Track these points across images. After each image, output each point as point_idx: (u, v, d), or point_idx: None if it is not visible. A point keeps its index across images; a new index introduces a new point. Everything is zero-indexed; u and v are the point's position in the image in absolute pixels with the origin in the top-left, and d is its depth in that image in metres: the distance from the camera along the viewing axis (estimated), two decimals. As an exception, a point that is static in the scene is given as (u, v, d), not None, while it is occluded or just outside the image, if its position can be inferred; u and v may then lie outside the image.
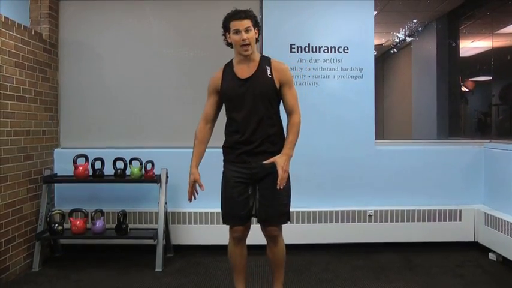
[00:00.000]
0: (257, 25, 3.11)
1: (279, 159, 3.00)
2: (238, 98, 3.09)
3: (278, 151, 3.07)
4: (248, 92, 3.07)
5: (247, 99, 3.07)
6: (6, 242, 3.96)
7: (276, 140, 3.13)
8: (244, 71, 3.11)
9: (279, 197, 3.11)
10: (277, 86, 3.10)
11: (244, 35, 3.00)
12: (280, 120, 3.20)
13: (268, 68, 3.11)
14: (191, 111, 4.88)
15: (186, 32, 4.95)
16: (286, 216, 3.19)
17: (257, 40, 3.14)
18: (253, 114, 3.07)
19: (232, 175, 3.15)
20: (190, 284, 3.91)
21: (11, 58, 4.04)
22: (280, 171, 2.96)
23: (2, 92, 3.90)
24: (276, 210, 3.12)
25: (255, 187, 3.15)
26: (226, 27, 3.09)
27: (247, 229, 3.21)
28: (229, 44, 3.13)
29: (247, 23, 3.01)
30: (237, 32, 3.01)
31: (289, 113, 3.16)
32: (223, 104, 3.23)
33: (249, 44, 3.03)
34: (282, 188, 2.99)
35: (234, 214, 3.15)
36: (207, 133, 3.26)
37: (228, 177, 3.18)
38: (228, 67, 3.18)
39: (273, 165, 3.02)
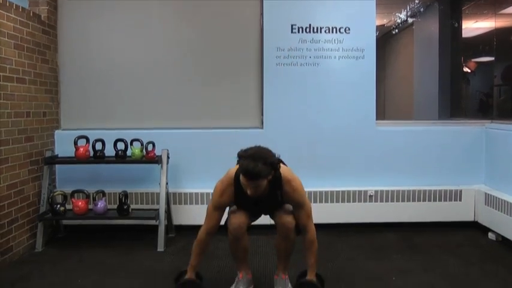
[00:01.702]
0: (269, 175, 2.90)
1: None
2: (249, 208, 3.17)
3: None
4: (260, 210, 3.23)
5: (258, 213, 3.26)
6: (9, 223, 3.99)
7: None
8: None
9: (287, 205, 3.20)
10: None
11: (253, 190, 2.90)
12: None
13: (279, 193, 3.07)
14: (192, 92, 4.90)
15: (187, 11, 4.92)
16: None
17: (270, 181, 2.96)
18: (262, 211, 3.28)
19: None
20: (191, 264, 3.93)
21: (10, 40, 4.02)
22: None
23: (1, 73, 3.89)
24: (286, 207, 3.18)
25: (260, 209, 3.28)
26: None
27: (246, 223, 3.19)
28: None
29: (258, 182, 2.86)
30: (246, 184, 2.90)
31: (302, 229, 3.15)
32: None
33: (256, 194, 2.94)
34: None
35: (240, 208, 3.19)
36: (208, 244, 3.23)
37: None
38: (240, 188, 3.01)
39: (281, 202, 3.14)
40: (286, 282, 3.29)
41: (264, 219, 3.31)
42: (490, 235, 4.53)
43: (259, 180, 2.84)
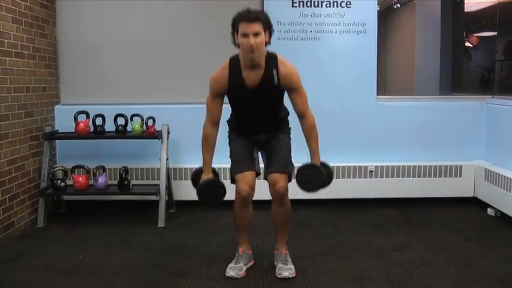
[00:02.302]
0: (269, 28, 2.97)
1: None
2: (245, 102, 3.14)
3: (280, 129, 3.26)
4: (255, 99, 3.09)
5: (254, 104, 3.12)
6: (10, 198, 4.00)
7: (279, 127, 3.27)
8: (251, 79, 3.04)
9: (281, 151, 3.21)
10: (284, 90, 3.11)
11: (252, 40, 2.85)
12: (286, 108, 3.29)
13: (275, 72, 3.03)
14: (192, 67, 4.86)
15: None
16: (290, 166, 3.23)
17: (267, 43, 3.00)
18: (259, 112, 3.16)
19: (239, 138, 3.27)
20: (192, 239, 3.97)
21: (8, 14, 3.97)
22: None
23: (-1, 48, 3.87)
24: (280, 159, 3.20)
25: (259, 150, 3.32)
26: (234, 27, 2.95)
27: (254, 183, 3.19)
28: (238, 45, 2.98)
29: (256, 26, 2.86)
30: (245, 35, 2.87)
31: (300, 116, 3.15)
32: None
33: (256, 50, 2.89)
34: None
35: (242, 161, 3.21)
36: (215, 136, 3.21)
37: (235, 139, 3.29)
38: (236, 69, 3.05)
39: (276, 136, 3.23)
40: (286, 258, 3.30)
41: (263, 194, 3.30)
42: (489, 211, 4.55)
43: (259, 23, 2.86)
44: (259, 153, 3.35)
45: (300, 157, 3.30)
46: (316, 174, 3.15)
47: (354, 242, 3.88)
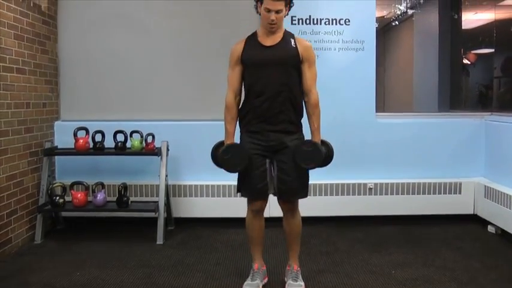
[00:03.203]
0: (289, 3, 3.08)
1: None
2: (261, 63, 3.09)
3: (296, 130, 3.17)
4: (271, 58, 3.08)
5: (270, 65, 3.07)
6: (8, 215, 3.98)
7: (294, 122, 3.17)
8: (268, 41, 3.11)
9: (298, 170, 3.13)
10: (300, 58, 3.10)
11: (273, 16, 2.99)
12: (301, 101, 3.21)
13: (292, 40, 3.13)
14: (192, 84, 4.88)
15: (187, 3, 4.88)
16: (306, 189, 3.22)
17: (286, 14, 3.13)
18: (274, 80, 3.07)
19: (249, 147, 3.13)
20: (191, 257, 3.94)
21: (10, 30, 3.99)
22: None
23: (1, 64, 3.87)
24: (296, 183, 3.15)
25: (271, 161, 3.15)
26: None
27: (266, 201, 3.22)
28: (259, 12, 3.11)
29: (279, 5, 2.98)
30: (268, 10, 2.99)
31: (306, 93, 3.16)
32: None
33: (275, 24, 3.03)
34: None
35: (252, 187, 3.15)
36: (237, 107, 3.20)
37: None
38: (252, 37, 3.17)
39: (291, 139, 3.11)
40: (297, 275, 3.29)
41: (274, 210, 3.29)
42: (490, 228, 4.54)
43: (282, 1, 2.97)
44: (271, 165, 3.18)
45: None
46: (315, 151, 3.10)
47: (354, 259, 3.86)
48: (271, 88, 3.07)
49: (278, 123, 3.11)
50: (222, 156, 3.08)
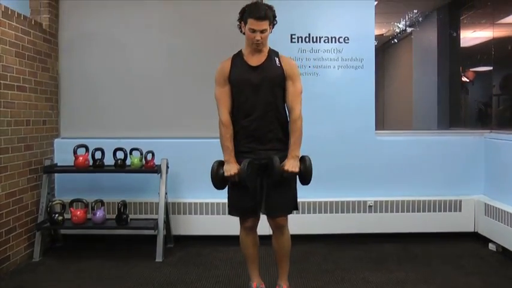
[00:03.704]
0: (273, 22, 3.13)
1: (288, 164, 3.06)
2: (248, 84, 3.11)
3: (284, 148, 3.14)
4: (258, 78, 3.11)
5: (257, 85, 3.10)
6: (6, 232, 3.96)
7: (282, 138, 3.18)
8: (254, 60, 3.14)
9: (287, 186, 3.14)
10: (285, 75, 3.14)
11: (259, 36, 3.03)
12: (287, 118, 3.21)
13: (277, 59, 3.16)
14: (191, 102, 4.89)
15: (186, 22, 4.92)
16: (294, 205, 3.22)
17: (270, 33, 3.15)
18: (262, 100, 3.11)
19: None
20: (190, 275, 3.92)
21: (11, 48, 4.02)
22: (289, 173, 3.05)
23: (2, 81, 3.89)
24: (284, 200, 3.16)
25: (261, 179, 3.14)
26: (243, 19, 3.09)
27: (257, 219, 3.23)
28: (243, 32, 3.15)
29: (264, 24, 3.02)
30: (253, 31, 3.02)
31: (289, 109, 3.17)
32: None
33: (261, 43, 3.07)
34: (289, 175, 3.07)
35: (241, 206, 3.17)
36: (231, 124, 3.19)
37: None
38: (238, 56, 3.20)
39: (281, 157, 3.08)
40: None
41: (263, 229, 3.29)
42: (491, 246, 4.52)
43: (266, 20, 3.01)
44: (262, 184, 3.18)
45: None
46: (270, 164, 3.04)
47: (354, 277, 3.83)
48: (259, 108, 3.11)
49: (267, 142, 3.14)
50: (245, 172, 3.00)
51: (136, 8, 4.90)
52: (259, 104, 3.10)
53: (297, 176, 3.16)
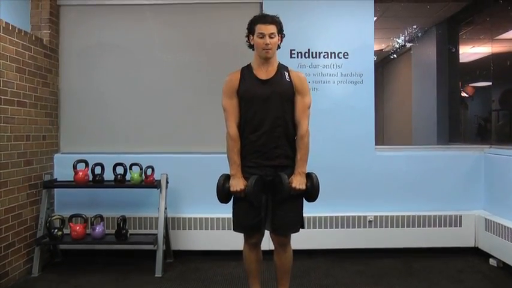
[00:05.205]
0: (281, 32, 3.13)
1: (295, 181, 3.05)
2: (257, 98, 3.08)
3: (292, 164, 3.11)
4: (267, 92, 3.08)
5: (266, 99, 3.07)
6: (5, 247, 3.95)
7: (290, 154, 3.13)
8: (263, 74, 3.12)
9: (294, 204, 3.12)
10: (294, 90, 3.12)
11: (268, 40, 3.03)
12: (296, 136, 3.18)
13: (286, 73, 3.14)
14: (192, 117, 4.91)
15: (186, 37, 4.96)
16: (300, 224, 3.20)
17: (279, 47, 3.16)
18: (270, 115, 3.07)
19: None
20: (190, 290, 3.90)
21: (12, 63, 4.04)
22: (297, 190, 3.04)
23: (2, 97, 3.91)
24: (292, 218, 3.13)
25: (267, 196, 3.10)
26: (251, 30, 3.10)
27: (262, 235, 3.20)
28: (251, 46, 3.14)
29: (272, 28, 3.04)
30: (262, 35, 3.03)
31: (297, 124, 3.13)
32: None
33: (270, 49, 3.06)
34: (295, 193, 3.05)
35: (247, 223, 3.13)
36: (239, 138, 3.14)
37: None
38: (247, 69, 3.17)
39: (287, 173, 3.06)
40: None
41: (265, 244, 3.28)
42: (491, 261, 4.50)
43: (274, 26, 3.04)
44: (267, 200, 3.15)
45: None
46: (278, 182, 3.03)
47: (354, 293, 3.82)
48: (268, 123, 3.07)
49: (275, 157, 3.09)
50: (252, 189, 2.98)
51: (136, 24, 4.94)
52: (267, 118, 3.07)
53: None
